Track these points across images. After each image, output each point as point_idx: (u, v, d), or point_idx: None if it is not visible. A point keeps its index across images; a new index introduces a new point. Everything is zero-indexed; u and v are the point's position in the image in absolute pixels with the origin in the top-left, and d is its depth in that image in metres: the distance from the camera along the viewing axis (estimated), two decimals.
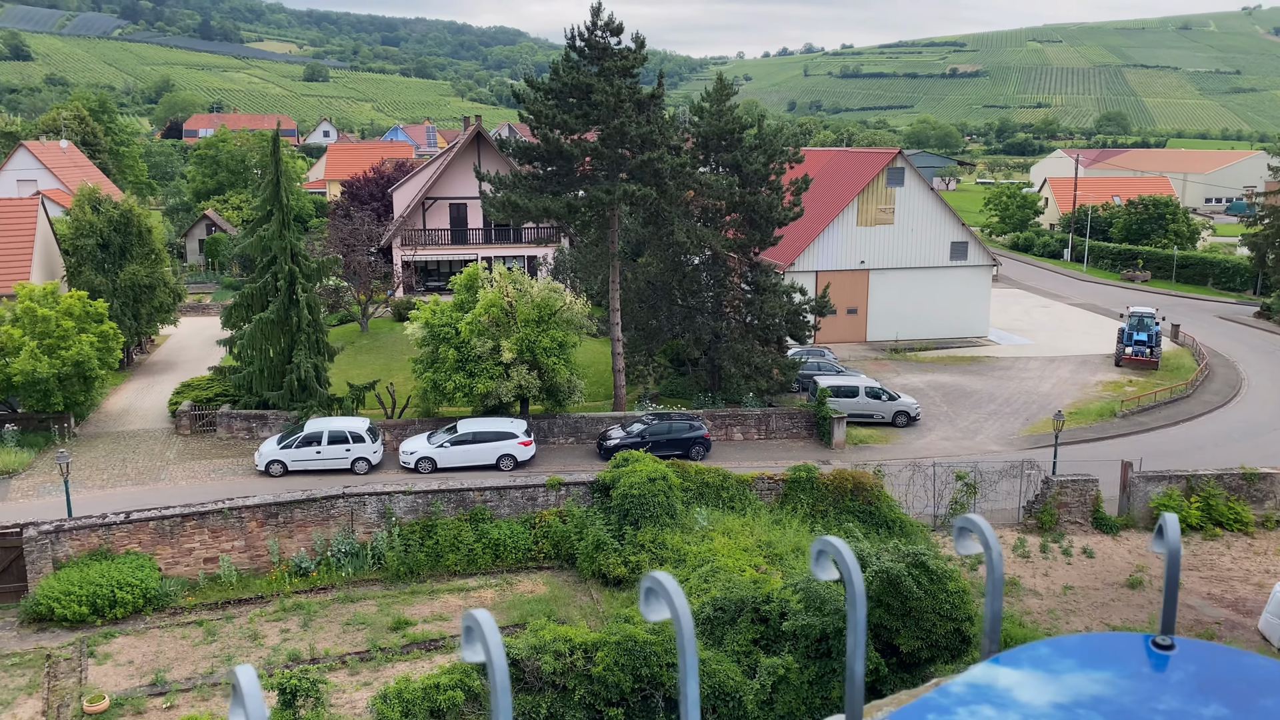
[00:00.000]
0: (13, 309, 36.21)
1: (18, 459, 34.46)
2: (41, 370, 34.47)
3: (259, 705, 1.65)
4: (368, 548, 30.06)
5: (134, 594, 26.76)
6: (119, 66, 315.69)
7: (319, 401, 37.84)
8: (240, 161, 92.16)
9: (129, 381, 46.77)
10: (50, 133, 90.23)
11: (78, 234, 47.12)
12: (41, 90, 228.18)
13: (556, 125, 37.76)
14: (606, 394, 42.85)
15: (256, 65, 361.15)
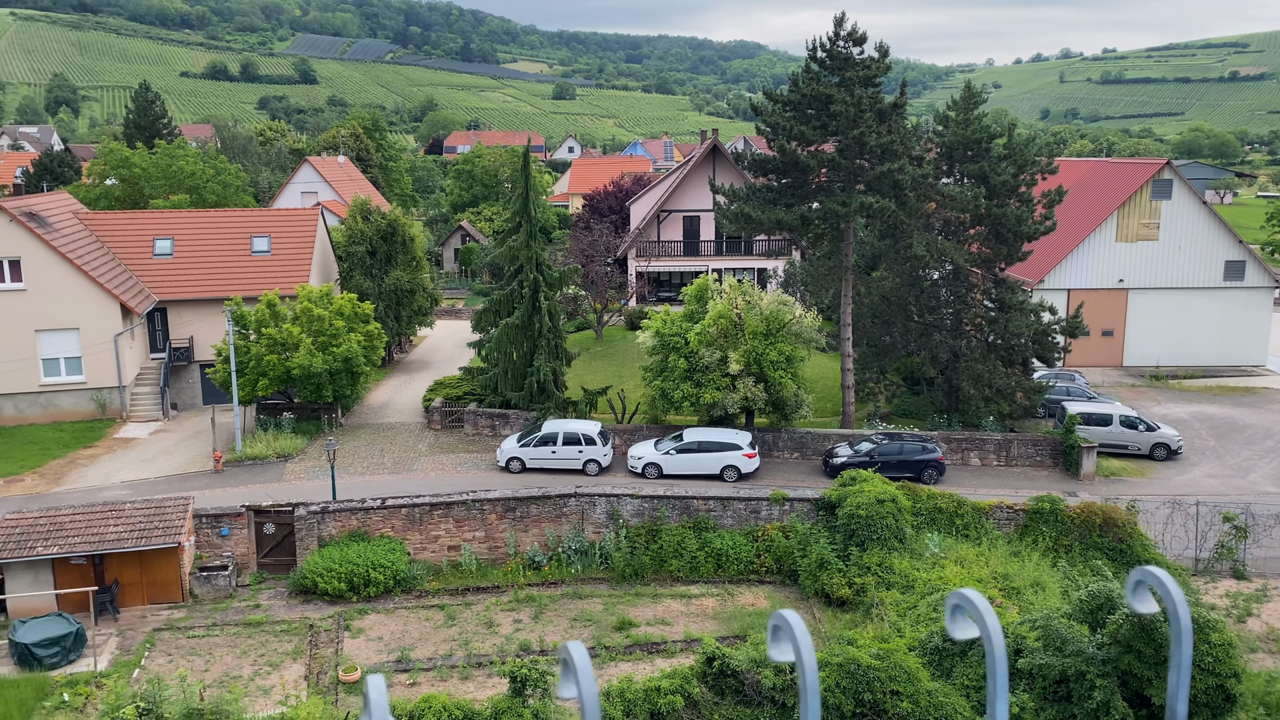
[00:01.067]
0: (293, 308, 40.13)
1: (292, 444, 38.12)
2: (316, 365, 37.96)
3: (590, 682, 1.72)
4: (596, 547, 31.02)
5: (385, 575, 28.92)
6: (390, 88, 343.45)
7: (556, 404, 39.47)
8: (493, 176, 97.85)
9: (389, 378, 50.67)
10: (330, 149, 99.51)
11: (350, 241, 51.65)
12: (324, 110, 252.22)
13: (793, 137, 37.57)
14: (834, 410, 42.09)
15: (510, 85, 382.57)
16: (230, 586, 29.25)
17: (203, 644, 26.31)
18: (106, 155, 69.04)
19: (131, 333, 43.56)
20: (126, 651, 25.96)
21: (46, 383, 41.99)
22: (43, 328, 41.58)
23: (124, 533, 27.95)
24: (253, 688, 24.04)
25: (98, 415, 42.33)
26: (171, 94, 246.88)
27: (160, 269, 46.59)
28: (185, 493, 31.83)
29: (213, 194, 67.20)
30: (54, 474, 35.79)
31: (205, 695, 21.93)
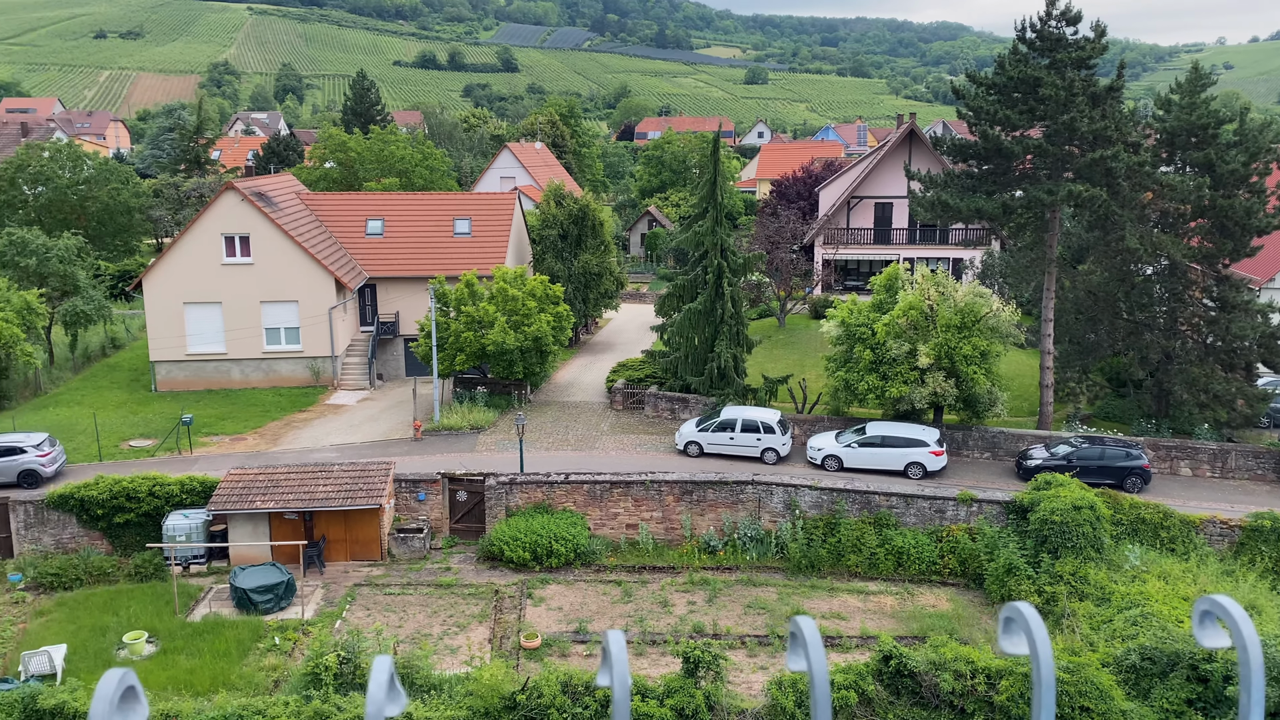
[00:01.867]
0: (490, 288, 41.88)
1: (485, 417, 39.87)
2: (509, 343, 39.52)
3: (624, 669, 1.77)
4: (772, 536, 30.90)
5: (566, 548, 29.87)
6: (586, 75, 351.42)
7: (735, 390, 39.50)
8: (681, 162, 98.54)
9: (575, 358, 52.12)
10: (528, 135, 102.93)
11: (544, 225, 53.35)
12: (524, 98, 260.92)
13: (997, 121, 35.91)
14: (1030, 410, 40.11)
15: (703, 70, 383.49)
16: (424, 549, 30.99)
17: (397, 601, 28.03)
18: (326, 140, 74.04)
19: (344, 306, 46.67)
20: (330, 603, 27.99)
21: (268, 350, 45.64)
22: (267, 299, 45.16)
23: (332, 492, 30.08)
24: (441, 646, 25.41)
25: (312, 382, 45.66)
26: (385, 82, 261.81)
27: (371, 248, 49.65)
28: (387, 458, 33.89)
29: (420, 178, 70.91)
30: (272, 434, 38.87)
31: (398, 650, 23.36)
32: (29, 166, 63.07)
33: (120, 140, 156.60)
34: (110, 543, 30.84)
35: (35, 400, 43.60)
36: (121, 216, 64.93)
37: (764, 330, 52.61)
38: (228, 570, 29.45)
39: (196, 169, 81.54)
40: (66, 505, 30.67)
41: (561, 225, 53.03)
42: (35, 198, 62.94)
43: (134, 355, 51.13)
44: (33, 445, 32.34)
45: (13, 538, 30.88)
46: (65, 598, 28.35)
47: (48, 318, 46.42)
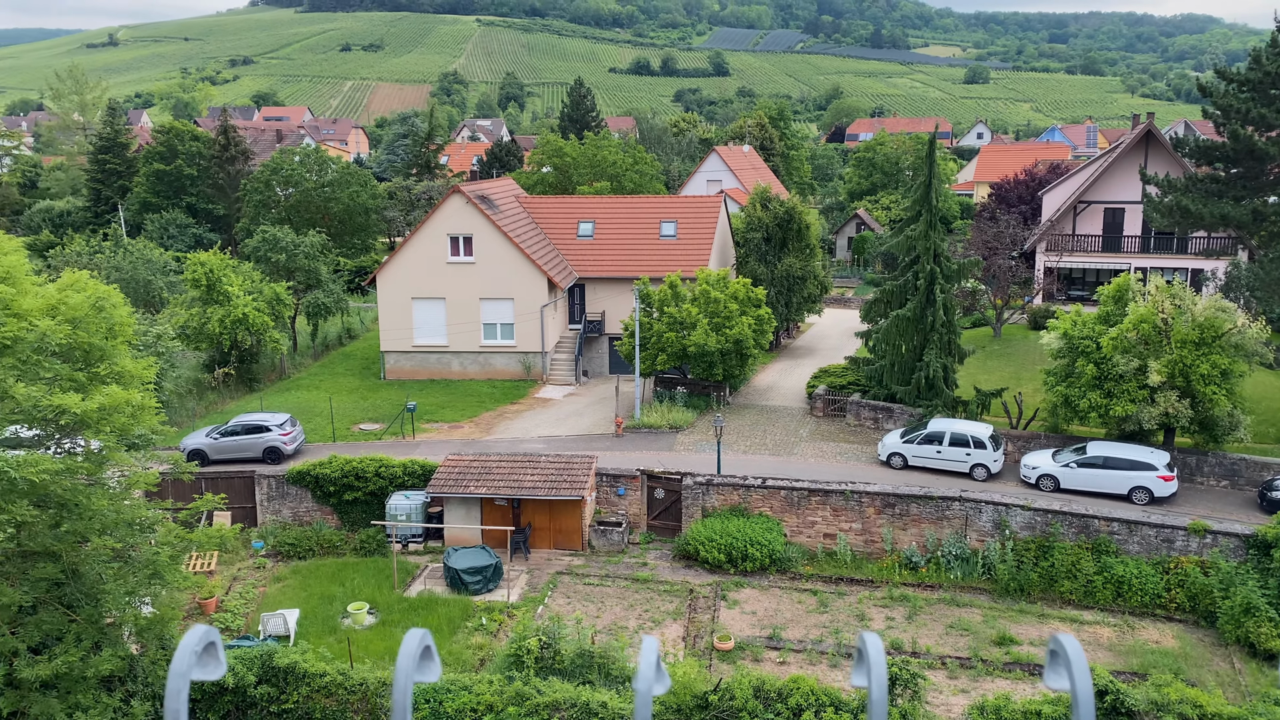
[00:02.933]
0: (693, 290, 42.34)
1: (683, 417, 40.35)
2: (710, 344, 39.82)
3: (882, 671, 1.78)
4: (978, 555, 29.63)
5: (761, 552, 29.78)
6: (797, 77, 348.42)
7: (944, 402, 38.11)
8: (894, 164, 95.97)
9: (775, 362, 51.83)
10: (735, 138, 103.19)
11: (748, 228, 53.37)
12: (733, 101, 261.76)
13: (1250, 120, 32.94)
14: (1278, 436, 36.49)
15: (919, 70, 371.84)
16: (622, 542, 31.74)
17: (596, 592, 28.84)
18: (544, 145, 77.08)
19: (555, 305, 48.47)
20: (533, 589, 29.16)
21: (485, 344, 48.04)
22: (486, 296, 47.56)
23: (538, 482, 31.33)
24: (636, 640, 25.94)
25: (522, 376, 47.70)
26: (600, 89, 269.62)
27: (582, 249, 51.30)
28: (590, 452, 34.93)
29: (630, 181, 72.56)
30: (485, 424, 40.88)
31: (595, 639, 24.04)
32: (281, 170, 69.21)
33: (360, 146, 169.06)
34: (339, 518, 33.40)
35: (280, 383, 47.78)
36: (359, 217, 70.14)
37: (977, 340, 50.44)
38: (442, 550, 31.24)
39: (427, 173, 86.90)
40: (303, 481, 33.46)
41: (766, 228, 52.87)
42: (286, 198, 68.99)
43: (366, 345, 55.11)
44: (276, 425, 35.47)
45: (257, 508, 34.00)
46: (299, 566, 30.95)
47: (293, 308, 50.79)
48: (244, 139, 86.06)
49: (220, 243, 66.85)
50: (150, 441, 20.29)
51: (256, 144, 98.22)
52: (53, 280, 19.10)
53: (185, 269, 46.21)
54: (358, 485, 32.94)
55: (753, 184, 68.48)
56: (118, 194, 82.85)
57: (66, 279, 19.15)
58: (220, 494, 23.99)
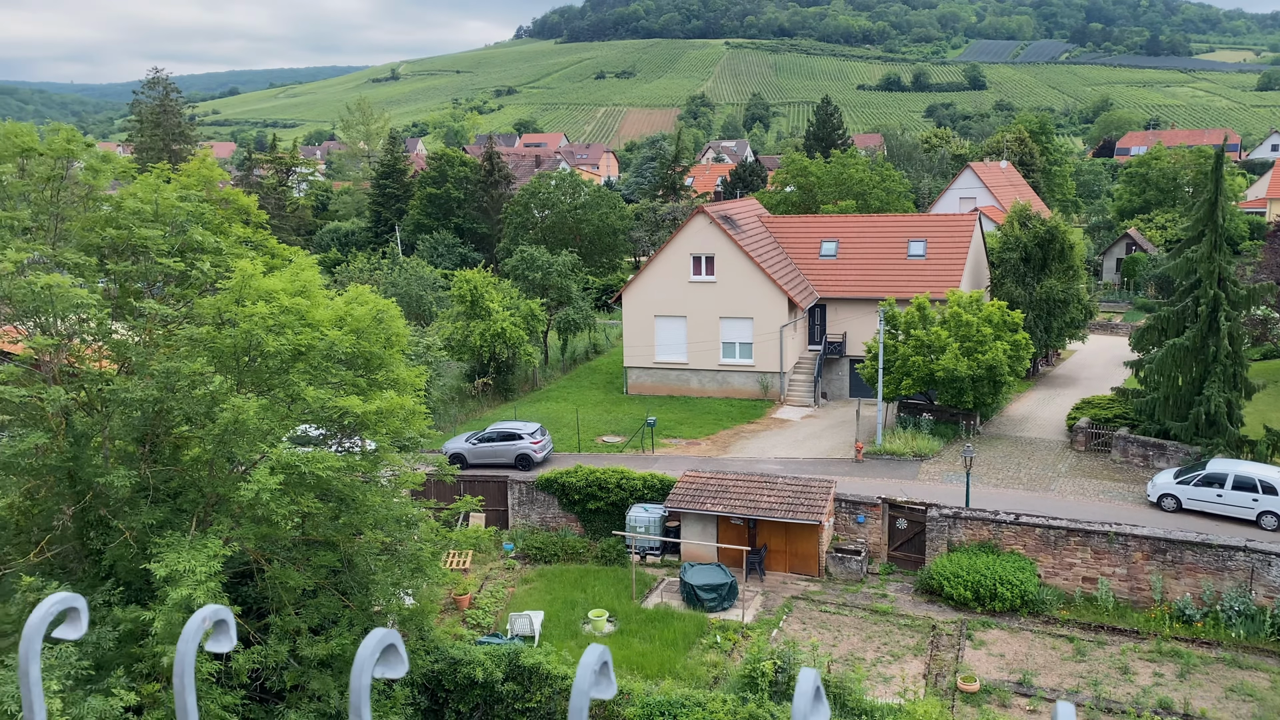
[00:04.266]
0: (942, 312, 40.69)
1: (929, 445, 38.80)
2: (960, 370, 38.10)
3: None
4: (1266, 613, 26.52)
5: (1013, 592, 28.06)
6: (1061, 89, 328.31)
7: (1227, 441, 34.48)
8: (1171, 179, 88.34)
9: (1032, 391, 48.83)
10: (992, 154, 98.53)
11: (1004, 248, 50.69)
12: (989, 115, 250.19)
13: None
14: None
15: (1203, 77, 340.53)
16: (861, 571, 30.89)
17: (832, 620, 28.22)
18: (788, 164, 76.87)
19: (794, 325, 48.10)
20: (768, 611, 28.93)
21: (724, 363, 48.39)
22: (725, 315, 47.93)
23: (775, 504, 31.10)
24: (873, 673, 25.13)
25: (760, 396, 47.62)
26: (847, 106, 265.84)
27: (824, 269, 50.64)
28: (828, 476, 34.30)
29: (876, 200, 70.96)
30: (722, 442, 41.11)
31: (831, 669, 23.51)
32: (539, 193, 73.07)
33: (610, 169, 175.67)
34: (583, 526, 34.62)
35: (532, 394, 50.28)
36: (608, 237, 72.82)
37: (1269, 373, 45.28)
38: (678, 565, 31.65)
39: (672, 194, 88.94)
40: (551, 488, 34.97)
41: (1025, 248, 49.99)
42: (542, 220, 72.73)
43: (610, 360, 57.00)
44: (528, 433, 37.32)
45: (509, 512, 35.86)
46: (545, 570, 32.33)
47: (546, 324, 53.36)
48: (506, 164, 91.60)
49: (483, 261, 71.43)
50: (419, 444, 21.88)
51: (517, 169, 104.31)
52: (339, 294, 21.05)
53: (452, 285, 49.69)
54: (600, 495, 34.02)
55: (1010, 201, 65.11)
56: (395, 216, 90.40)
57: (352, 293, 21.05)
58: (478, 496, 25.47)
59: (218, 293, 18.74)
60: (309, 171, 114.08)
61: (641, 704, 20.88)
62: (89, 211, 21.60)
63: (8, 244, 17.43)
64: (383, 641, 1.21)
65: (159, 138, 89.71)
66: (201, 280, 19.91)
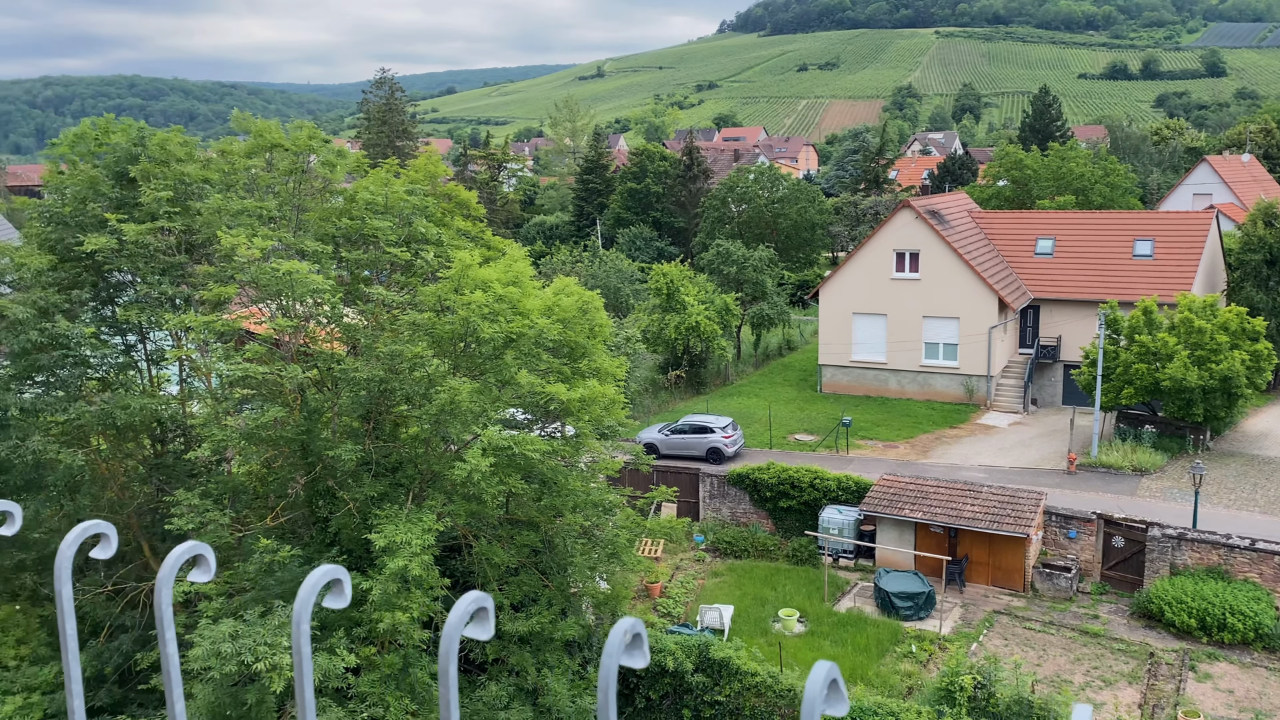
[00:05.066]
0: (1171, 317, 37.71)
1: (1151, 459, 36.08)
2: (1190, 380, 35.22)
3: None
4: None
5: (1245, 624, 25.72)
6: None
7: None
8: None
9: (1272, 405, 44.53)
10: (1232, 146, 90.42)
11: (1245, 249, 46.42)
12: (1229, 105, 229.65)
13: None
14: None
15: None
16: (1070, 589, 29.12)
17: (1037, 638, 26.75)
18: (1001, 158, 73.34)
19: (1004, 327, 45.85)
20: (967, 624, 27.75)
21: (925, 364, 46.74)
22: (929, 314, 46.26)
23: (978, 513, 29.78)
24: (1082, 697, 23.65)
25: (964, 400, 45.70)
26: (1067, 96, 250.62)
27: (1038, 267, 47.98)
28: (1037, 488, 32.52)
29: (1099, 195, 66.63)
30: (922, 447, 39.74)
31: (1035, 689, 22.30)
32: (737, 187, 72.96)
33: (809, 162, 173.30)
34: (774, 523, 34.35)
35: (723, 388, 50.34)
36: (806, 232, 71.82)
37: None
38: (872, 570, 30.87)
39: (874, 188, 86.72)
40: (742, 484, 34.89)
41: (1269, 249, 45.57)
42: (739, 214, 72.59)
43: (804, 357, 56.25)
44: (720, 427, 37.38)
45: (700, 504, 36.06)
46: (735, 564, 32.31)
47: (739, 318, 53.26)
48: (705, 159, 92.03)
49: (680, 255, 72.12)
50: (617, 433, 22.32)
51: (715, 163, 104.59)
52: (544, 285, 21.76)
53: (649, 279, 50.41)
54: (792, 494, 33.64)
55: (1253, 198, 59.54)
56: (596, 210, 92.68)
57: (559, 284, 21.70)
58: (673, 488, 25.73)
59: (438, 281, 19.76)
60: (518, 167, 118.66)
61: None
62: (325, 203, 23.28)
63: (256, 232, 19.03)
64: (631, 630, 1.19)
65: (384, 134, 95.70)
66: (424, 269, 21.05)
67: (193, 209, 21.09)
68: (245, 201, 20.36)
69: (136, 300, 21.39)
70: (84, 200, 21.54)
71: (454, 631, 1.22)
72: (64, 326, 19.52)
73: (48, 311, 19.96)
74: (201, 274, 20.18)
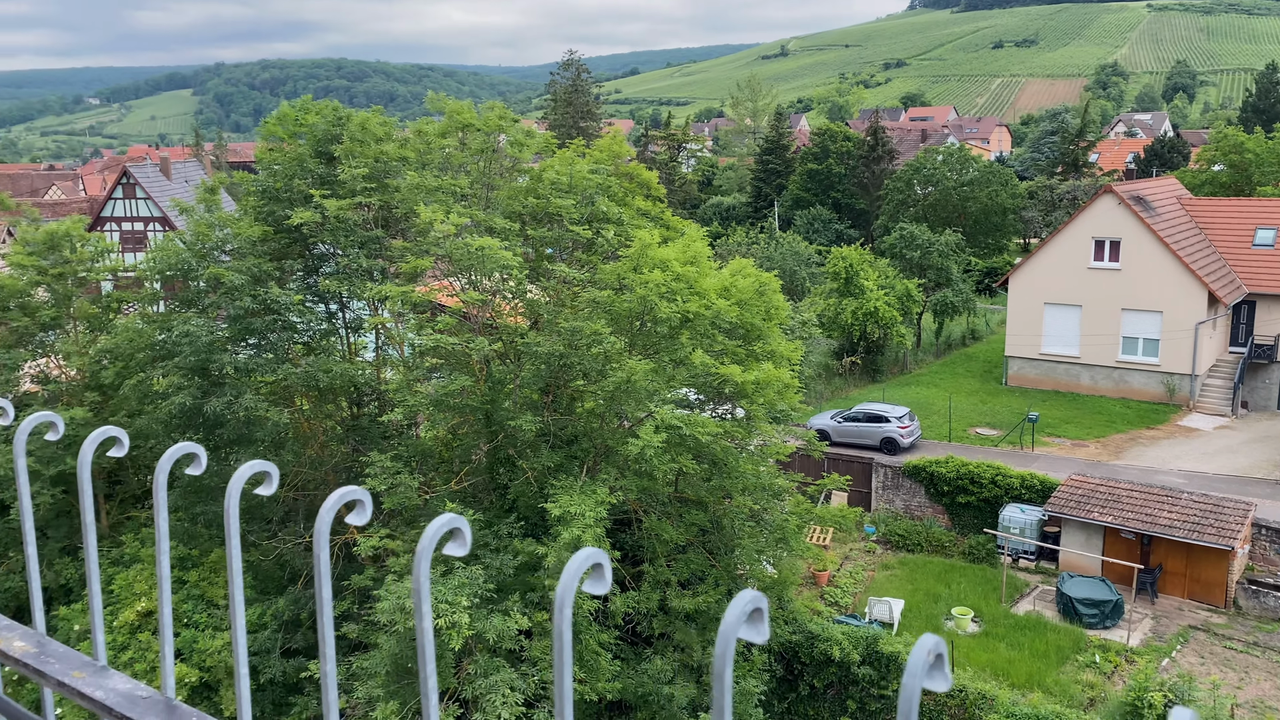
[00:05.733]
0: None
1: None
2: None
3: None
4: None
5: None
6: None
7: None
8: None
9: None
10: None
11: None
12: None
13: None
14: None
15: None
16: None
17: (1239, 659, 24.79)
18: (1218, 141, 67.73)
19: (1213, 322, 42.48)
20: (1159, 637, 26.02)
21: (1121, 360, 43.88)
22: (1128, 307, 43.36)
23: (1175, 521, 27.81)
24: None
25: (1164, 399, 42.68)
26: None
27: (1257, 260, 44.16)
28: (1245, 497, 30.04)
29: None
30: (1114, 447, 37.42)
31: (1235, 713, 20.70)
32: (923, 169, 70.48)
33: (1002, 144, 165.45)
34: (950, 519, 33.21)
35: (900, 377, 48.94)
36: (996, 216, 68.65)
37: None
38: (1054, 573, 29.38)
39: (1073, 171, 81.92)
40: (918, 476, 33.87)
41: None
42: (924, 197, 70.14)
43: (989, 348, 53.92)
44: (895, 416, 36.37)
45: (872, 495, 35.28)
46: (907, 558, 31.46)
47: (921, 305, 51.57)
48: (890, 139, 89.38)
49: (860, 239, 70.44)
50: (789, 417, 22.10)
51: (901, 144, 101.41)
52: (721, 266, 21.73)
53: (827, 262, 49.51)
54: (971, 489, 32.39)
55: None
56: (775, 191, 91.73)
57: (735, 265, 21.62)
58: (845, 476, 25.28)
59: (618, 260, 20.07)
60: (697, 148, 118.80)
61: (1006, 713, 19.71)
62: (513, 182, 24.04)
63: (450, 209, 19.85)
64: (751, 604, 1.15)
65: (569, 115, 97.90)
66: (605, 248, 21.43)
67: (390, 186, 22.23)
68: (440, 179, 21.27)
69: (337, 271, 22.77)
70: (291, 176, 23.08)
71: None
72: (275, 293, 21.01)
73: (261, 279, 21.53)
74: (398, 248, 21.26)
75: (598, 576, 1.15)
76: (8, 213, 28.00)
